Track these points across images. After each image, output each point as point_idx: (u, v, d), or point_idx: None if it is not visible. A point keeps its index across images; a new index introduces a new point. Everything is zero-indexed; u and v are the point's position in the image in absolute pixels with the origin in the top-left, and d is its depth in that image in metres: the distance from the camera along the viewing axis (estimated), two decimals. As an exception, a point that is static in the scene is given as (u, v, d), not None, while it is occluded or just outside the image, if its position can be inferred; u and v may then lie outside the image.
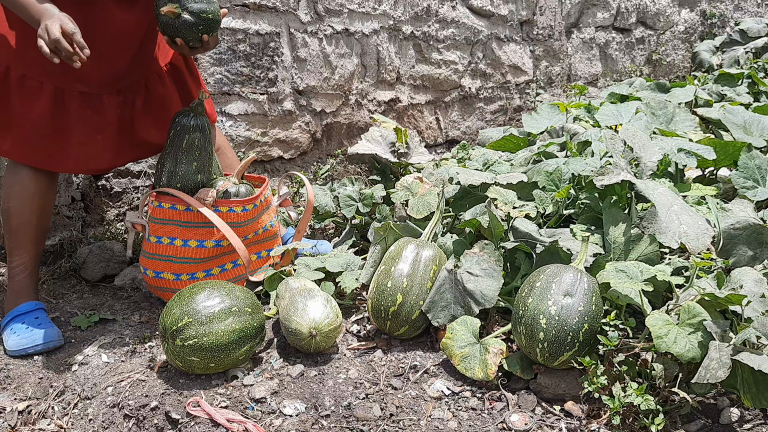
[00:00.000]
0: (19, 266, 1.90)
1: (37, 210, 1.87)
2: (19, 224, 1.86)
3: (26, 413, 1.58)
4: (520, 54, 3.76)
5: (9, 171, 1.86)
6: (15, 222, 1.86)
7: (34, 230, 1.89)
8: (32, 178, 1.84)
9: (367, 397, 1.54)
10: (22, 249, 1.89)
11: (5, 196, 1.86)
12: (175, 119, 1.92)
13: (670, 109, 2.57)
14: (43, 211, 1.89)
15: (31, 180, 1.84)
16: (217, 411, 1.47)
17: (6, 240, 1.90)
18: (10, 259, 1.91)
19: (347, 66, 3.05)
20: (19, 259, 1.90)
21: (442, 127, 3.53)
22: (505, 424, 1.45)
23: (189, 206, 1.90)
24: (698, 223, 1.69)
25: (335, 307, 1.70)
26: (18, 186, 1.84)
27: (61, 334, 1.84)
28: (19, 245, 1.88)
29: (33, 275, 1.93)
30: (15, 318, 1.84)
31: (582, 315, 1.47)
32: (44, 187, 1.88)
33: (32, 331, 1.80)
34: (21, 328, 1.81)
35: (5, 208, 1.87)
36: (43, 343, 1.78)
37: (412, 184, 2.14)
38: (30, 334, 1.79)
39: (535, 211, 1.89)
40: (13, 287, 1.91)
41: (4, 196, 1.87)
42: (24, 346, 1.77)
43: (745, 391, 1.34)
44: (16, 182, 1.84)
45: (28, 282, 1.91)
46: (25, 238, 1.88)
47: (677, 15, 4.64)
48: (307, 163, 3.04)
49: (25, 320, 1.83)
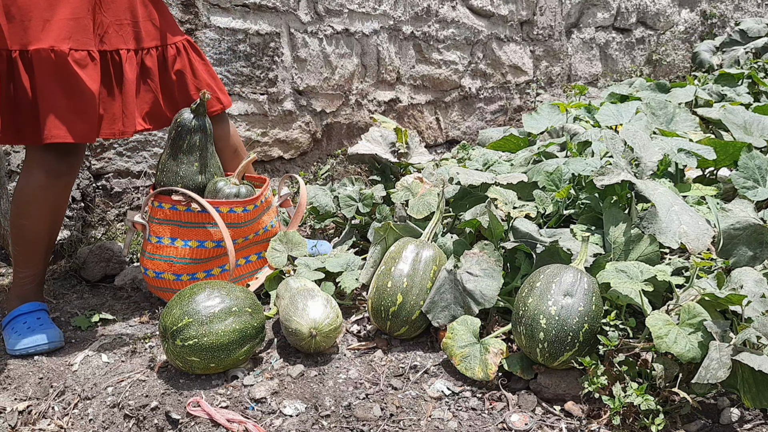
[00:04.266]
0: (28, 277, 1.89)
1: (50, 226, 1.85)
2: (32, 239, 1.84)
3: (26, 413, 1.58)
4: (520, 54, 3.76)
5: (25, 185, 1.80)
6: (28, 237, 1.84)
7: (46, 245, 1.88)
8: (49, 191, 1.79)
9: (367, 397, 1.54)
10: (32, 263, 1.88)
11: (18, 213, 1.82)
12: (176, 119, 1.92)
13: (671, 109, 2.57)
14: (55, 226, 1.87)
15: (48, 192, 1.79)
16: (217, 411, 1.47)
17: (15, 253, 1.88)
18: (18, 269, 1.89)
19: (347, 66, 3.05)
20: (28, 271, 1.89)
21: (442, 127, 3.53)
22: (505, 424, 1.45)
23: (189, 206, 1.90)
24: (698, 223, 1.69)
25: (335, 308, 1.70)
26: (34, 204, 1.79)
27: (62, 335, 1.84)
28: (29, 259, 1.87)
29: (40, 283, 1.93)
30: (17, 317, 1.84)
31: (582, 315, 1.47)
32: (60, 201, 1.84)
33: (34, 331, 1.79)
34: (23, 327, 1.81)
35: (19, 224, 1.83)
36: (45, 343, 1.78)
37: (412, 184, 2.14)
38: (31, 334, 1.79)
39: (536, 211, 1.89)
40: (17, 292, 1.90)
41: (16, 213, 1.82)
42: (25, 346, 1.77)
43: (746, 392, 1.34)
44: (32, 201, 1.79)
45: (34, 288, 1.91)
46: (36, 253, 1.87)
47: (677, 15, 4.64)
48: (307, 163, 3.04)
49: (27, 320, 1.83)
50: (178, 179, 1.93)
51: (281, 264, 1.99)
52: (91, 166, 2.41)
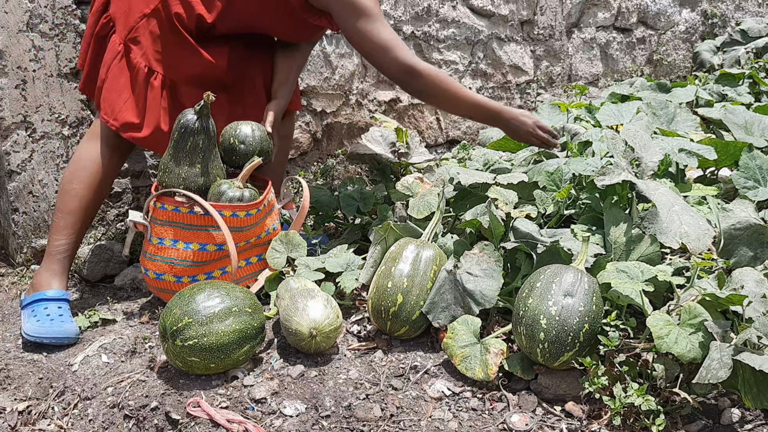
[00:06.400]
0: (62, 245, 1.94)
1: (98, 195, 2.00)
2: (78, 207, 1.96)
3: (26, 413, 1.58)
4: (520, 54, 3.76)
5: (83, 152, 1.99)
6: (73, 204, 1.95)
7: (86, 214, 1.98)
8: (104, 162, 1.99)
9: (367, 397, 1.53)
10: (70, 231, 1.95)
11: (69, 178, 1.97)
12: (180, 120, 1.91)
13: (671, 109, 2.56)
14: (99, 197, 2.02)
15: (103, 161, 1.99)
16: (217, 411, 1.46)
17: (56, 219, 1.96)
18: (55, 237, 1.95)
19: (347, 66, 3.05)
20: (65, 240, 1.95)
21: (442, 127, 3.52)
22: (505, 424, 1.45)
23: (192, 209, 1.89)
24: (699, 223, 1.68)
25: (335, 308, 1.70)
26: (85, 170, 1.97)
27: (78, 332, 1.85)
28: (68, 226, 1.95)
29: (70, 258, 1.98)
30: (40, 301, 1.86)
31: (582, 315, 1.47)
32: (110, 174, 2.02)
33: (52, 322, 1.81)
34: (43, 314, 1.83)
35: (68, 189, 1.96)
36: (60, 337, 1.79)
37: (412, 184, 2.14)
38: (49, 324, 1.80)
39: (536, 212, 1.89)
40: (48, 265, 1.94)
41: (68, 178, 1.98)
42: (40, 335, 1.78)
43: (746, 392, 1.34)
44: (85, 166, 1.98)
45: (64, 264, 1.96)
46: (77, 220, 1.96)
47: (678, 15, 4.64)
48: (307, 163, 3.04)
49: (49, 307, 1.85)
50: (181, 181, 1.93)
51: (281, 265, 1.99)
52: (91, 166, 2.41)
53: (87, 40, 2.06)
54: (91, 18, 2.04)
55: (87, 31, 2.06)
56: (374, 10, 1.96)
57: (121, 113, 1.98)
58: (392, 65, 1.98)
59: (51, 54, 2.23)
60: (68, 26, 2.26)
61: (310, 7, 2.03)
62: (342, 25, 2.00)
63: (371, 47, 1.98)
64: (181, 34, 1.96)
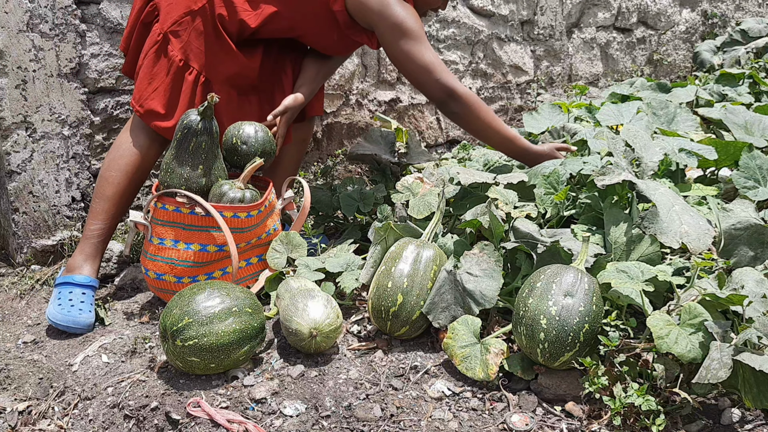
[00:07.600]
0: (97, 230, 2.02)
1: (134, 184, 2.05)
2: (114, 193, 2.02)
3: (26, 413, 1.58)
4: (520, 54, 3.76)
5: (123, 140, 2.05)
6: (110, 191, 2.01)
7: (122, 200, 2.04)
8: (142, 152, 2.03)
9: (367, 397, 1.53)
10: (106, 216, 2.02)
11: (108, 165, 2.03)
12: (183, 121, 1.91)
13: (672, 109, 2.56)
14: (135, 186, 2.07)
15: (142, 151, 2.03)
16: (217, 411, 1.46)
17: (94, 205, 2.03)
18: (91, 221, 2.02)
19: (348, 66, 3.05)
20: (100, 224, 2.02)
21: (442, 127, 3.52)
22: (505, 424, 1.45)
23: (193, 209, 1.89)
24: (699, 223, 1.68)
25: (336, 308, 1.70)
26: (123, 158, 2.02)
27: (92, 324, 1.92)
28: (104, 211, 2.01)
29: (105, 243, 2.05)
30: (68, 284, 1.95)
31: (583, 315, 1.47)
32: (146, 164, 2.06)
33: (71, 308, 1.89)
34: (66, 300, 1.92)
35: (106, 176, 2.02)
36: (72, 326, 1.88)
37: (412, 184, 2.14)
38: (70, 310, 1.89)
39: (536, 212, 1.89)
40: (83, 248, 2.02)
41: (107, 165, 2.03)
42: (57, 320, 1.87)
43: (746, 392, 1.34)
44: (123, 154, 2.03)
45: (98, 248, 2.03)
46: (112, 206, 2.02)
47: (678, 15, 4.64)
48: (307, 163, 3.04)
49: (74, 291, 1.93)
50: (183, 181, 1.93)
51: (281, 266, 1.99)
52: (90, 166, 2.41)
53: (131, 24, 2.09)
54: (137, 2, 2.07)
55: (131, 14, 2.09)
56: (419, 32, 2.00)
57: (147, 101, 2.01)
58: (435, 87, 2.02)
59: (51, 54, 2.23)
60: (68, 26, 2.26)
61: (355, 24, 2.06)
62: (386, 45, 2.03)
63: (414, 68, 2.02)
64: (222, 35, 2.00)
